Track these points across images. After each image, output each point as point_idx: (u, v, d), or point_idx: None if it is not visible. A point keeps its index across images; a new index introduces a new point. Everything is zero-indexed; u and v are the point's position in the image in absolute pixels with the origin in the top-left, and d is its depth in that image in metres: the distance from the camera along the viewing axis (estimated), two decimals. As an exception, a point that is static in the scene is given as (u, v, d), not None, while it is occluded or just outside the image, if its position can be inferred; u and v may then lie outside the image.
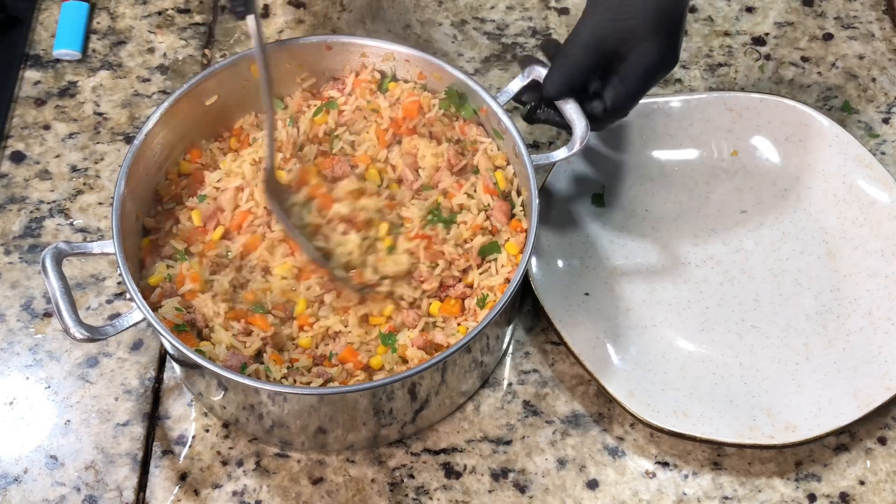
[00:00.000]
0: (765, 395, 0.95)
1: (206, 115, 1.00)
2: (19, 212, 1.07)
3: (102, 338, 0.85)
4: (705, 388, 0.96)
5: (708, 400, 0.94)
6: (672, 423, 0.92)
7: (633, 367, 0.96)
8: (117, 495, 0.92)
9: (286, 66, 1.01)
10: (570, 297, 0.99)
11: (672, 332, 0.99)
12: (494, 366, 0.98)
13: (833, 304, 1.00)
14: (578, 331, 0.96)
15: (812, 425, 0.92)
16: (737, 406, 0.94)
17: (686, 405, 0.94)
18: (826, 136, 1.05)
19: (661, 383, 0.95)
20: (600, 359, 0.96)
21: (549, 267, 1.01)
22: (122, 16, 1.21)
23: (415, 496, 0.92)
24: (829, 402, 0.93)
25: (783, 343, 0.98)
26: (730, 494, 0.93)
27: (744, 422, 0.93)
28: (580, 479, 0.93)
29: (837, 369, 0.96)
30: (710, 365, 0.97)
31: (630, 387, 0.94)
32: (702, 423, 0.92)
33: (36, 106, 1.14)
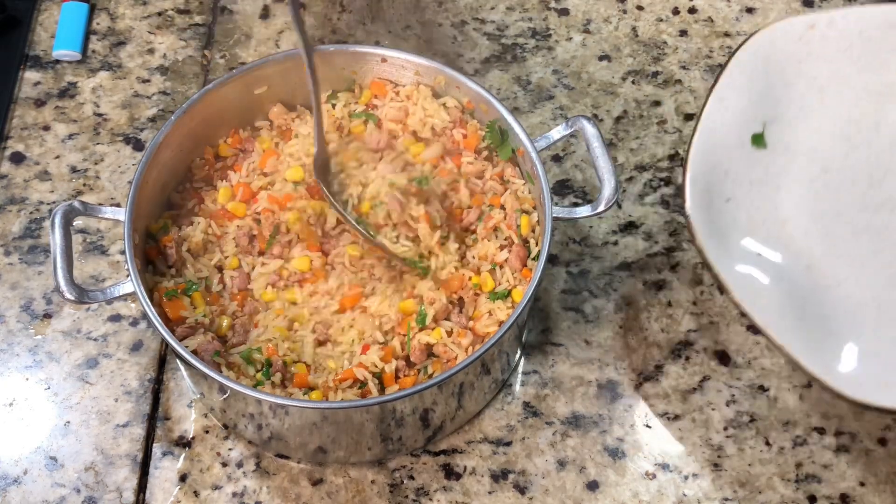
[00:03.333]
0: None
1: (252, 104, 1.01)
2: (19, 213, 1.06)
3: (91, 302, 0.87)
4: (877, 341, 0.86)
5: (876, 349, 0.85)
6: (877, 398, 0.80)
7: (825, 335, 0.86)
8: (117, 496, 0.92)
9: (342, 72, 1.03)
10: (745, 260, 0.90)
11: (858, 289, 0.89)
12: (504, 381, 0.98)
13: None
14: (761, 300, 0.87)
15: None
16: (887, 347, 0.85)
17: (889, 373, 0.83)
18: None
19: (860, 351, 0.85)
20: (787, 329, 0.85)
21: (713, 219, 0.90)
22: (121, 16, 1.21)
23: (415, 497, 0.92)
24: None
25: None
26: (730, 496, 0.93)
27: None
28: (580, 480, 0.93)
29: None
30: (850, 303, 0.88)
31: (826, 359, 0.84)
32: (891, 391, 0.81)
33: (36, 107, 1.14)
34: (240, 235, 0.97)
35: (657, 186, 1.09)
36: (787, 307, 0.88)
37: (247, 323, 0.94)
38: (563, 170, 1.10)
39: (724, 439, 0.95)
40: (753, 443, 0.95)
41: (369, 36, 1.19)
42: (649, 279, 1.04)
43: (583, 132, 0.95)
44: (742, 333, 1.01)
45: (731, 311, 1.02)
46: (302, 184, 0.98)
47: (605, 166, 0.93)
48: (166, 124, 0.96)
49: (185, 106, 0.97)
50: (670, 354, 1.00)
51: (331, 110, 1.03)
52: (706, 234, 0.90)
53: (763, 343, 1.00)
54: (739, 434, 0.95)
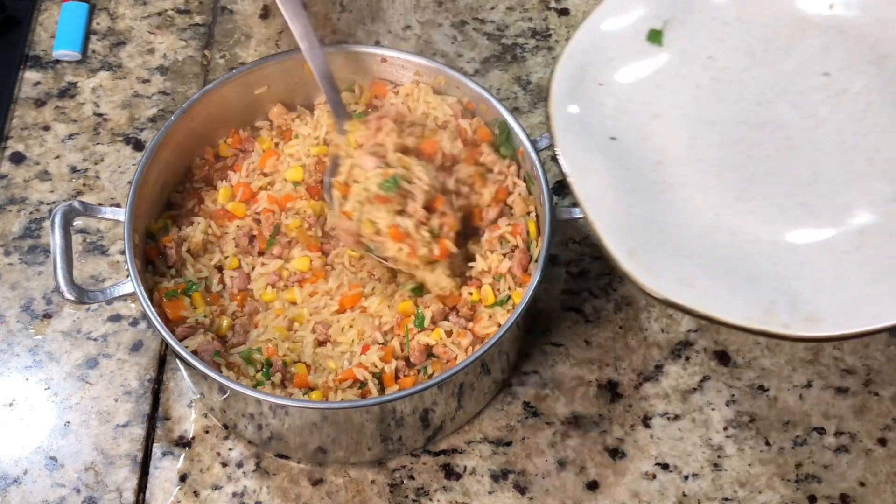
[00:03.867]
0: (795, 280, 0.82)
1: (252, 104, 1.01)
2: (19, 213, 1.06)
3: (91, 302, 0.88)
4: (724, 262, 0.83)
5: (723, 274, 0.82)
6: (670, 291, 0.79)
7: (645, 224, 0.84)
8: (117, 496, 0.92)
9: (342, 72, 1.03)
10: (592, 138, 0.88)
11: (702, 195, 0.87)
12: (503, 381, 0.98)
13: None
14: (590, 175, 0.85)
15: (841, 321, 0.78)
16: (757, 286, 0.82)
17: (694, 275, 0.81)
18: None
19: (673, 248, 0.84)
20: (607, 209, 0.84)
21: (574, 93, 0.89)
22: (121, 16, 1.21)
23: (415, 497, 0.92)
24: (869, 299, 0.80)
25: (835, 226, 0.84)
26: (730, 496, 0.93)
27: (758, 305, 0.80)
28: (580, 480, 0.93)
29: (893, 266, 0.81)
30: (738, 238, 0.85)
31: (633, 244, 0.82)
32: (706, 297, 0.80)
33: (36, 107, 1.14)
34: (240, 236, 0.97)
35: (657, 186, 1.09)
36: (620, 193, 0.86)
37: (247, 323, 0.94)
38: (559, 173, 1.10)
39: (724, 439, 0.95)
40: (753, 443, 0.95)
41: (369, 36, 1.19)
42: (649, 279, 1.03)
43: None
44: (742, 333, 1.01)
45: (731, 311, 1.02)
46: (302, 184, 0.98)
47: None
48: (166, 124, 0.96)
49: (185, 106, 0.97)
50: (670, 354, 1.00)
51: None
52: (562, 103, 0.89)
53: (763, 343, 1.00)
54: (739, 434, 0.95)
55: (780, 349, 1.00)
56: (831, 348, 1.00)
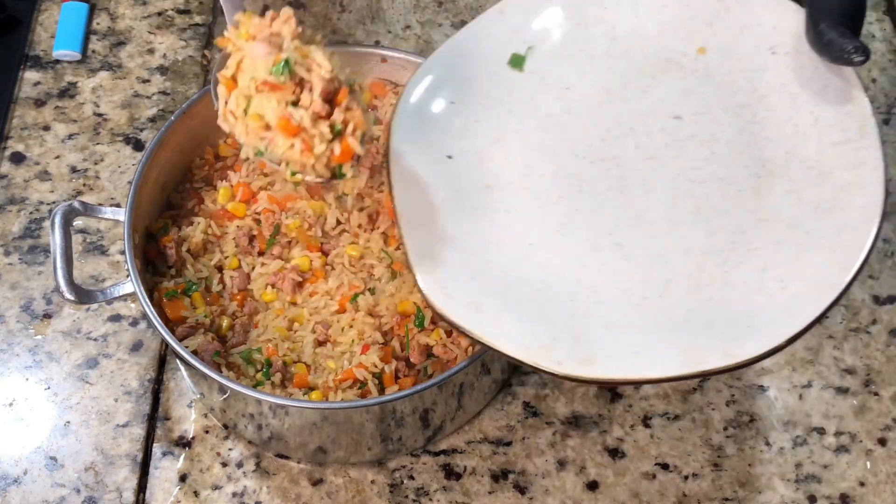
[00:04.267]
0: (586, 319, 0.81)
1: None
2: (19, 213, 1.06)
3: (90, 302, 0.88)
4: (523, 293, 0.82)
5: (516, 305, 0.81)
6: (457, 314, 0.79)
7: (455, 245, 0.84)
8: (117, 496, 0.92)
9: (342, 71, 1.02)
10: (428, 152, 0.88)
11: (522, 223, 0.86)
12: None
13: (727, 247, 0.83)
14: (414, 189, 0.85)
15: (613, 366, 0.77)
16: (546, 321, 0.80)
17: (487, 302, 0.81)
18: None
19: (476, 272, 0.83)
20: (421, 225, 0.84)
21: (422, 107, 0.89)
22: (121, 16, 1.21)
23: (415, 497, 0.92)
24: (651, 347, 0.78)
25: (643, 272, 0.83)
26: (730, 496, 0.93)
27: (539, 339, 0.79)
28: (580, 480, 0.93)
29: (687, 318, 0.80)
30: (544, 271, 0.84)
31: (436, 263, 0.82)
32: (489, 325, 0.79)
33: (36, 107, 1.14)
34: (240, 236, 0.97)
35: (657, 186, 1.09)
36: (440, 211, 0.86)
37: (247, 323, 0.94)
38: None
39: (724, 439, 0.95)
40: (753, 443, 0.95)
41: (369, 36, 1.19)
42: (649, 279, 1.04)
43: None
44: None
45: (731, 311, 1.02)
46: (302, 184, 0.98)
47: None
48: (166, 124, 0.96)
49: (184, 106, 0.97)
50: (670, 354, 0.99)
51: None
52: (408, 112, 0.90)
53: (763, 343, 1.00)
54: (739, 434, 0.95)
55: (780, 349, 1.00)
56: (831, 348, 1.00)
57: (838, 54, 0.81)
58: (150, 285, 0.93)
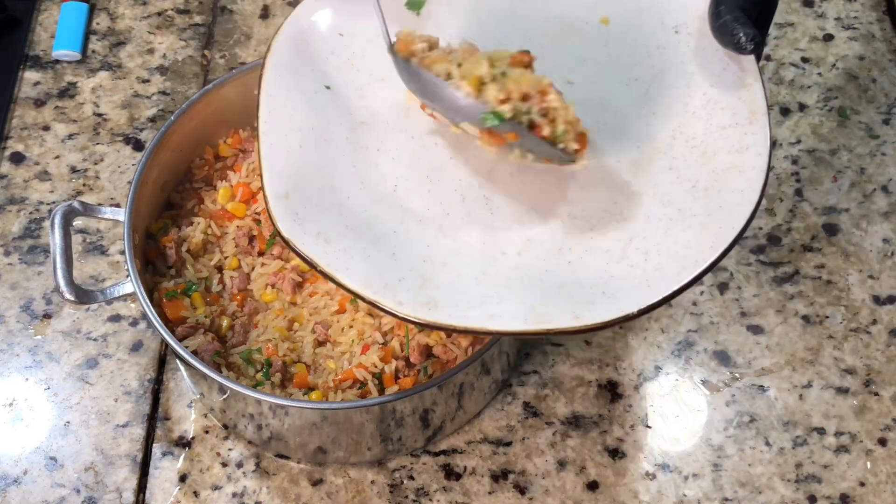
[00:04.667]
0: (439, 266, 0.79)
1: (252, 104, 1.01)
2: (19, 213, 1.06)
3: (90, 302, 0.88)
4: (379, 232, 0.81)
5: (368, 242, 0.80)
6: (304, 241, 0.78)
7: (316, 174, 0.82)
8: (117, 497, 0.92)
9: None
10: (305, 80, 0.86)
11: (391, 165, 0.85)
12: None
13: (596, 215, 0.82)
14: (282, 112, 0.84)
15: (456, 313, 0.76)
16: (396, 262, 0.79)
17: (339, 235, 0.79)
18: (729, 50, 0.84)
19: (332, 204, 0.81)
20: (283, 148, 0.82)
21: (308, 33, 0.87)
22: (121, 16, 1.21)
23: (415, 497, 0.92)
24: (498, 301, 0.77)
25: (506, 228, 0.82)
26: (730, 496, 0.93)
27: (385, 277, 0.77)
28: (580, 480, 0.93)
29: (542, 278, 0.79)
30: (405, 215, 0.82)
31: (292, 188, 0.80)
32: (335, 257, 0.77)
33: (35, 107, 1.14)
34: (239, 236, 0.97)
35: (657, 186, 1.09)
36: (306, 139, 0.83)
37: (246, 323, 0.94)
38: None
39: (724, 439, 0.95)
40: (753, 443, 0.95)
41: (369, 36, 1.19)
42: (649, 279, 1.03)
43: None
44: (742, 333, 1.01)
45: (731, 311, 1.02)
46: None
47: None
48: (166, 124, 0.96)
49: (184, 106, 0.97)
50: (670, 354, 1.00)
51: None
52: (291, 36, 0.88)
53: (763, 343, 1.00)
54: (739, 434, 0.95)
55: (781, 349, 1.00)
56: (831, 348, 1.00)
57: (729, 38, 0.81)
58: (150, 285, 0.93)
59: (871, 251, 1.05)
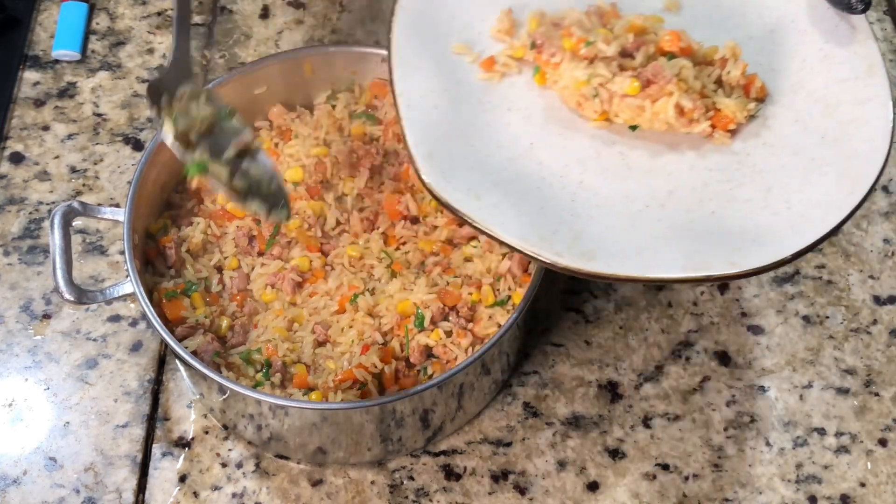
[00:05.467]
0: (587, 219, 0.82)
1: (252, 104, 1.01)
2: (18, 213, 1.06)
3: (90, 302, 0.88)
4: (522, 186, 0.83)
5: (516, 197, 0.81)
6: (456, 198, 0.79)
7: (455, 134, 0.84)
8: (117, 497, 0.92)
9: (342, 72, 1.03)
10: (433, 44, 0.88)
11: (524, 124, 0.87)
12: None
13: (732, 167, 0.85)
14: (416, 76, 0.86)
15: (613, 263, 0.78)
16: (546, 215, 0.81)
17: (487, 190, 0.81)
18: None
19: (475, 162, 0.83)
20: (420, 110, 0.84)
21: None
22: (121, 16, 1.21)
23: (414, 498, 0.92)
24: (654, 250, 0.79)
25: (645, 181, 0.85)
26: (730, 496, 0.93)
27: (539, 230, 0.79)
28: (580, 480, 0.93)
29: (691, 227, 0.81)
30: (544, 169, 0.84)
31: (435, 148, 0.82)
32: (489, 212, 0.79)
33: (35, 107, 1.13)
34: (239, 236, 0.97)
35: (657, 186, 1.09)
36: (441, 100, 0.86)
37: (246, 323, 0.94)
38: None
39: (724, 440, 0.95)
40: (754, 443, 0.95)
41: (369, 36, 1.19)
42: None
43: None
44: (742, 333, 1.01)
45: (731, 311, 1.02)
46: (302, 184, 0.98)
47: None
48: None
49: None
50: (670, 354, 0.99)
51: (331, 111, 1.02)
52: (413, 3, 0.89)
53: (763, 343, 1.00)
54: (739, 434, 0.95)
55: (781, 349, 1.00)
56: (831, 348, 1.00)
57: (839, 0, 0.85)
58: (150, 286, 0.93)
59: (872, 251, 1.05)
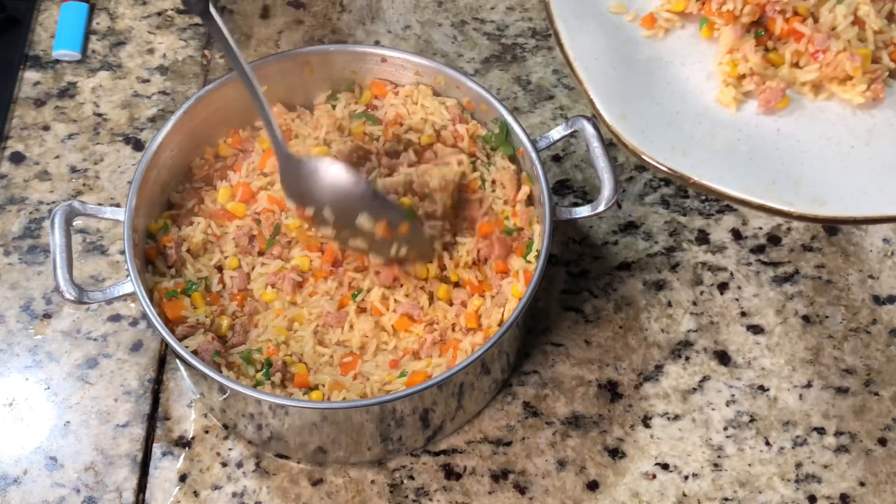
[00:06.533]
0: (799, 165, 0.79)
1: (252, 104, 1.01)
2: (19, 213, 1.06)
3: (90, 302, 0.88)
4: (722, 139, 0.81)
5: (721, 150, 0.80)
6: (664, 156, 0.77)
7: (639, 93, 0.83)
8: (117, 497, 0.92)
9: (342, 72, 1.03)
10: (586, 3, 0.87)
11: (699, 74, 0.85)
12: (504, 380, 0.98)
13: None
14: (584, 38, 0.85)
15: (849, 204, 0.76)
16: (758, 165, 0.79)
17: (690, 146, 0.79)
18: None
19: (668, 119, 0.82)
20: (599, 71, 0.83)
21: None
22: (121, 16, 1.21)
23: (414, 497, 0.92)
24: (880, 189, 0.77)
25: (843, 122, 0.83)
26: (730, 496, 0.93)
27: (759, 181, 0.77)
28: (580, 480, 0.93)
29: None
30: (739, 121, 0.83)
31: (625, 109, 0.80)
32: (702, 167, 0.78)
33: (35, 107, 1.14)
34: (239, 235, 0.97)
35: (657, 186, 1.09)
36: (615, 59, 0.84)
37: (247, 323, 0.94)
38: (563, 170, 1.10)
39: (724, 439, 0.95)
40: (753, 443, 0.95)
41: (369, 36, 1.19)
42: (649, 279, 1.04)
43: (583, 132, 0.94)
44: (742, 333, 1.01)
45: (731, 311, 1.02)
46: None
47: (604, 166, 0.92)
48: (166, 124, 0.96)
49: (185, 106, 0.97)
50: (670, 354, 1.00)
51: (331, 111, 1.03)
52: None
53: (763, 343, 1.00)
54: (739, 434, 0.95)
55: (781, 349, 1.00)
56: (831, 348, 1.00)
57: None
58: (150, 285, 0.93)
59: (871, 251, 1.05)
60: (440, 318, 0.93)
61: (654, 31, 0.88)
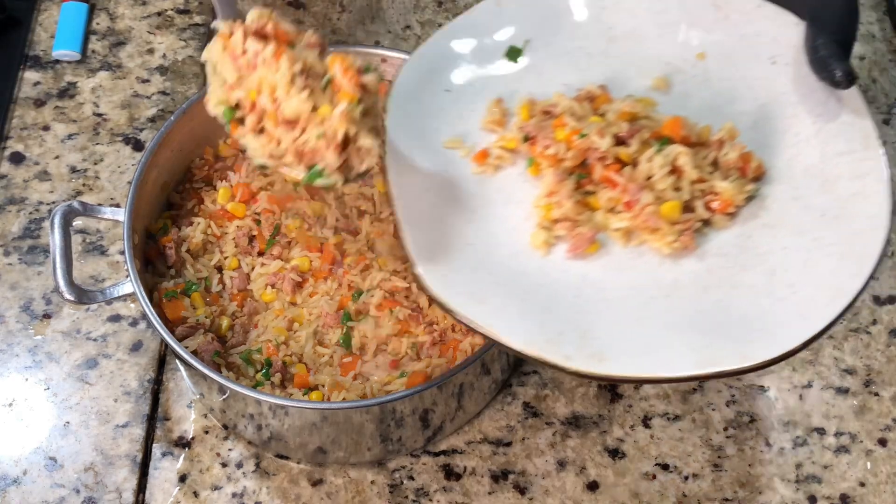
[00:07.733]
0: (593, 315, 0.79)
1: None
2: (18, 213, 1.06)
3: (90, 302, 0.88)
4: (525, 285, 0.81)
5: (519, 297, 0.80)
6: (459, 303, 0.77)
7: (454, 234, 0.83)
8: (117, 497, 0.92)
9: None
10: (423, 140, 0.87)
11: (522, 216, 0.85)
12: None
13: (734, 251, 0.83)
14: (411, 175, 0.85)
15: (626, 363, 0.76)
16: (551, 314, 0.79)
17: (490, 292, 0.79)
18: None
19: (477, 262, 0.82)
20: (418, 210, 0.83)
21: (415, 94, 0.89)
22: (121, 16, 1.21)
23: (414, 498, 0.92)
24: (664, 346, 0.77)
25: (650, 271, 0.82)
26: (730, 496, 0.93)
27: (545, 332, 0.77)
28: (580, 480, 0.93)
29: (697, 319, 0.79)
30: (547, 265, 0.83)
31: (435, 251, 0.81)
32: (493, 316, 0.77)
33: (35, 107, 1.14)
34: (239, 236, 0.97)
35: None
36: (437, 198, 0.84)
37: (247, 323, 0.94)
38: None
39: (724, 440, 0.95)
40: (753, 443, 0.95)
41: (369, 36, 1.19)
42: (649, 279, 1.04)
43: None
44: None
45: (731, 311, 1.02)
46: (301, 184, 0.98)
47: None
48: (166, 124, 0.96)
49: (184, 106, 0.97)
50: (670, 355, 0.99)
51: None
52: (402, 100, 0.89)
53: (763, 343, 1.00)
54: (739, 434, 0.95)
55: (781, 349, 1.00)
56: (831, 348, 1.00)
57: (826, 74, 0.82)
58: (150, 285, 0.93)
59: (872, 251, 1.05)
60: (440, 318, 0.93)
61: (485, 167, 0.89)
